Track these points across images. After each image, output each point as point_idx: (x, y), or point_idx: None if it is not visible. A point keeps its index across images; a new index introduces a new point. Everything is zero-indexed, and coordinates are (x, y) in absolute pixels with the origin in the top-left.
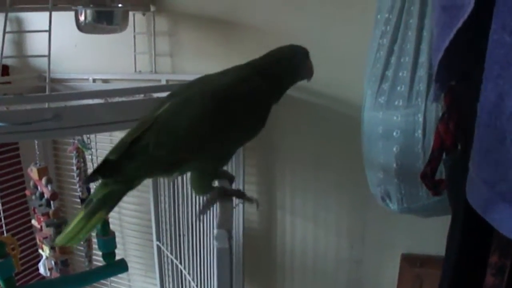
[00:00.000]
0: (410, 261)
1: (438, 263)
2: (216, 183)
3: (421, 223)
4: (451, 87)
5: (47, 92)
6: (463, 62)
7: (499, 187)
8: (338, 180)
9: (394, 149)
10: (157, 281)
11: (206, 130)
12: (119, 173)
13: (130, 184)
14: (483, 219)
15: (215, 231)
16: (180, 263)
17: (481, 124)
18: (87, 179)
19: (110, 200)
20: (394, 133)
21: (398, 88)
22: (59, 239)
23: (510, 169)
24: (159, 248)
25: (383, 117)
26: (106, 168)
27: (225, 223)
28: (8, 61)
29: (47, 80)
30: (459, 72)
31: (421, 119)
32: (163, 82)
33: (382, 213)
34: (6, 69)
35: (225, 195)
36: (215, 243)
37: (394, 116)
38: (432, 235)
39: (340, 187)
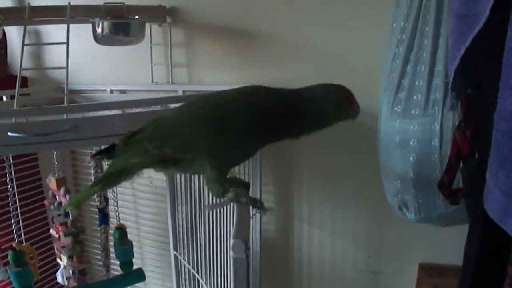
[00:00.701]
0: (428, 271)
1: (456, 273)
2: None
3: (439, 233)
4: (468, 95)
5: (65, 103)
6: (480, 70)
7: None
8: (356, 190)
9: (411, 158)
10: None
11: (190, 133)
12: (119, 158)
13: (127, 170)
14: (502, 229)
15: (231, 241)
16: (197, 272)
17: (498, 133)
18: (94, 154)
19: (109, 179)
20: (411, 142)
21: (415, 97)
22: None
23: None
24: (176, 258)
25: (400, 126)
26: (111, 151)
27: (242, 233)
28: (27, 73)
29: (65, 92)
30: (475, 80)
31: (438, 128)
32: (180, 93)
33: (400, 223)
34: (25, 81)
35: (239, 200)
36: (231, 253)
37: (411, 125)
38: (449, 245)
39: (357, 197)
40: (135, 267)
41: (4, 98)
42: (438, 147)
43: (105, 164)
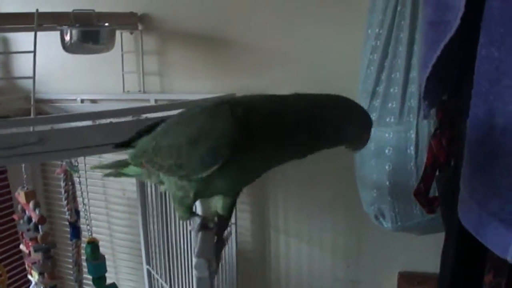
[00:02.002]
0: (407, 279)
1: (436, 280)
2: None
3: (418, 241)
4: (443, 103)
5: (32, 115)
6: (453, 78)
7: (491, 206)
8: (332, 199)
9: (387, 166)
10: None
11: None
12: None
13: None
14: (477, 239)
15: (194, 260)
16: (170, 287)
17: (471, 142)
18: (117, 144)
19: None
20: (386, 151)
21: (390, 104)
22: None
23: (502, 188)
24: (149, 272)
25: (375, 134)
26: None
27: (205, 252)
28: None
29: (32, 102)
30: (448, 88)
31: (413, 136)
32: (152, 102)
33: (378, 231)
34: None
35: (205, 228)
36: (194, 272)
37: (386, 133)
38: (429, 253)
39: (334, 205)
40: (108, 281)
41: None
42: (414, 155)
43: (75, 177)
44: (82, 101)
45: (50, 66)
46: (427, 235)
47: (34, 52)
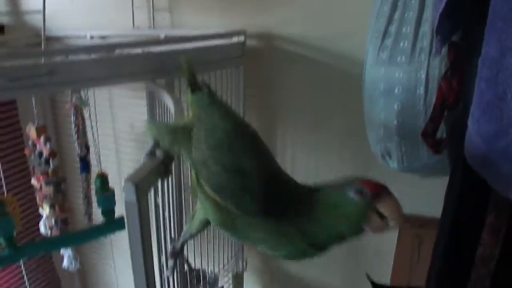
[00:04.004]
0: (409, 222)
1: (438, 224)
2: None
3: (422, 184)
4: (455, 44)
5: (42, 48)
6: (466, 16)
7: (498, 143)
8: (340, 139)
9: (396, 106)
10: None
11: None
12: None
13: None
14: (481, 178)
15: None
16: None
17: (481, 79)
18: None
19: None
20: (396, 90)
21: (401, 44)
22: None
23: (510, 126)
24: (156, 204)
25: (385, 74)
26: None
27: (135, 176)
28: (3, 20)
29: (42, 36)
30: (461, 25)
31: (423, 76)
32: (162, 38)
33: (383, 175)
34: (1, 29)
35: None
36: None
37: (396, 72)
38: (432, 197)
39: (341, 145)
40: (117, 215)
41: None
42: (423, 96)
43: (85, 111)
44: (92, 37)
45: (59, 2)
46: (432, 179)
47: None
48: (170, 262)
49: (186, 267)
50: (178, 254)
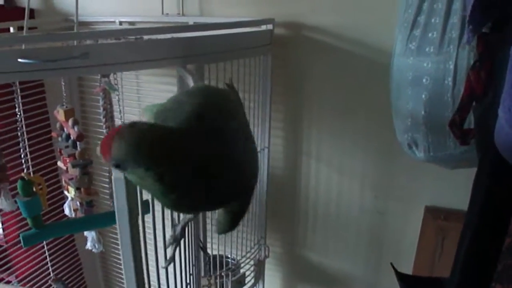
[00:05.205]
0: (433, 214)
1: (462, 217)
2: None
3: (447, 176)
4: (485, 35)
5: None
6: (498, 7)
7: None
8: (365, 128)
9: (423, 96)
10: None
11: None
12: None
13: None
14: (510, 169)
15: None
16: None
17: None
18: None
19: None
20: (424, 80)
21: (430, 34)
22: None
23: None
24: None
25: (413, 64)
26: None
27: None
28: (33, 4)
29: (75, 20)
30: (493, 15)
31: (452, 67)
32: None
33: (409, 164)
34: (32, 13)
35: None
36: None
37: (425, 62)
38: (457, 189)
39: (367, 135)
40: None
41: (12, 30)
42: (451, 86)
43: (113, 96)
44: (121, 23)
45: None
46: (456, 171)
47: None
48: (170, 249)
49: (201, 252)
50: (179, 239)
